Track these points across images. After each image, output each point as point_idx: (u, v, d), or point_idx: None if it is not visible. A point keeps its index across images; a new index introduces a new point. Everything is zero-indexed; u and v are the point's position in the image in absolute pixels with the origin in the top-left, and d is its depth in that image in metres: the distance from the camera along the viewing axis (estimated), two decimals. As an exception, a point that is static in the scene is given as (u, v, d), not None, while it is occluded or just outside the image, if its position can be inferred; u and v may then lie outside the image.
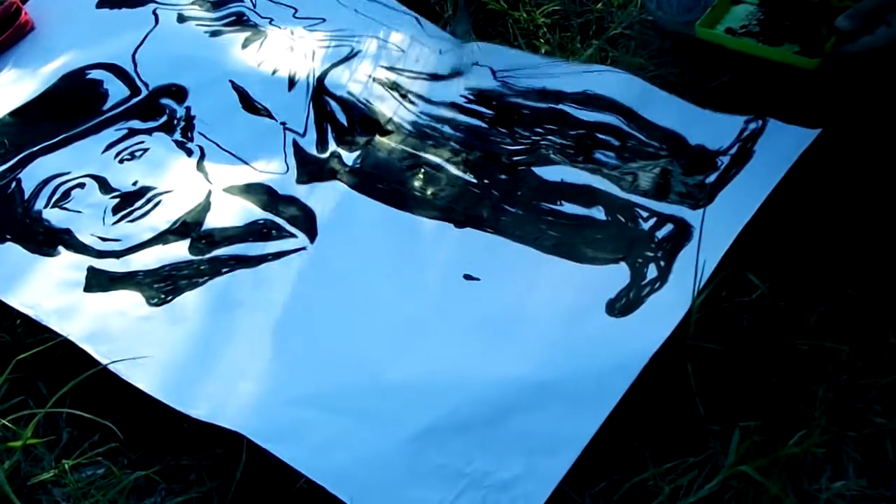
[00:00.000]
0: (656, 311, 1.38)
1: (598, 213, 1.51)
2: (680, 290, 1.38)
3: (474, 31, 1.76)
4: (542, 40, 1.74)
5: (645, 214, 1.50)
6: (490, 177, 1.56)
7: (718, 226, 1.45)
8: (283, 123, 1.65)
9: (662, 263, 1.43)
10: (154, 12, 1.81)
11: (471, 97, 1.68)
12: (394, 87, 1.69)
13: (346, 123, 1.65)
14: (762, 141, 1.55)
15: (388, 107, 1.67)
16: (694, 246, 1.43)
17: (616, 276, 1.43)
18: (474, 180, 1.56)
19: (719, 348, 1.33)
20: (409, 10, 1.81)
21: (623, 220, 1.49)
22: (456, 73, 1.72)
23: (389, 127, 1.64)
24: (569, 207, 1.52)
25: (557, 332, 1.38)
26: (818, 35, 1.55)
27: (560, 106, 1.64)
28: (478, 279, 1.45)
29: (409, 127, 1.64)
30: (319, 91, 1.68)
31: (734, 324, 1.37)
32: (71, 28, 1.82)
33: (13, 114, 1.70)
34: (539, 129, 1.61)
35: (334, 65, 1.72)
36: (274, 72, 1.70)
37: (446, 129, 1.63)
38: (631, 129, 1.61)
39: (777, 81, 1.60)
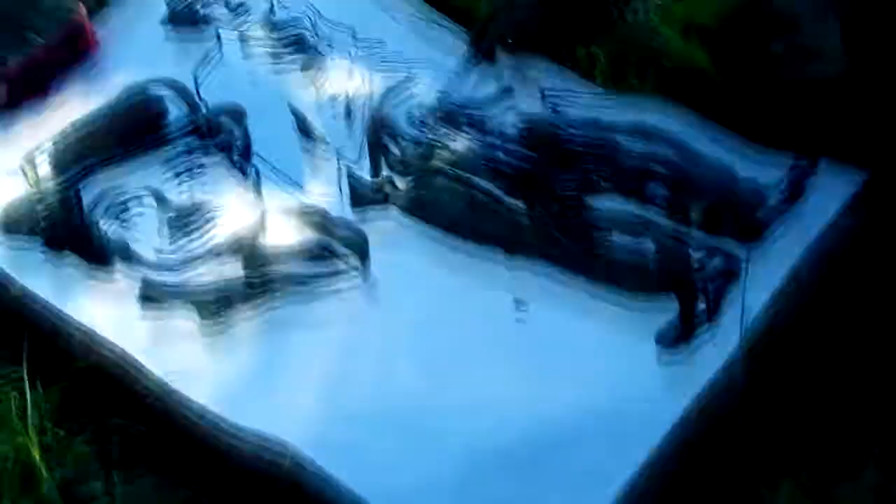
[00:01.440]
0: (706, 344, 1.39)
1: (649, 244, 1.52)
2: (729, 324, 1.39)
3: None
4: (598, 72, 1.74)
5: (695, 246, 1.50)
6: (542, 206, 1.58)
7: (768, 261, 1.46)
8: (337, 150, 1.67)
9: (711, 297, 1.44)
10: (217, 33, 1.84)
11: (521, 123, 1.69)
12: (447, 112, 1.71)
13: (398, 151, 1.66)
14: (812, 179, 1.56)
15: (440, 133, 1.68)
16: (742, 280, 1.44)
17: (665, 309, 1.44)
18: (525, 209, 1.57)
19: (768, 384, 1.33)
20: (466, 31, 1.81)
21: (673, 251, 1.50)
22: (506, 90, 1.73)
23: (442, 155, 1.66)
24: (619, 238, 1.53)
25: (605, 363, 1.39)
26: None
27: (612, 137, 1.65)
28: (527, 306, 1.47)
29: (461, 154, 1.65)
30: (375, 119, 1.70)
31: (785, 355, 1.37)
32: (135, 46, 1.85)
33: (76, 127, 1.72)
34: (590, 160, 1.62)
35: (390, 91, 1.74)
36: (331, 98, 1.73)
37: (498, 155, 1.65)
38: (682, 161, 1.61)
39: (829, 121, 1.61)
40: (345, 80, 1.75)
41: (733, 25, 1.59)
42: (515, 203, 1.59)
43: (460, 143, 1.67)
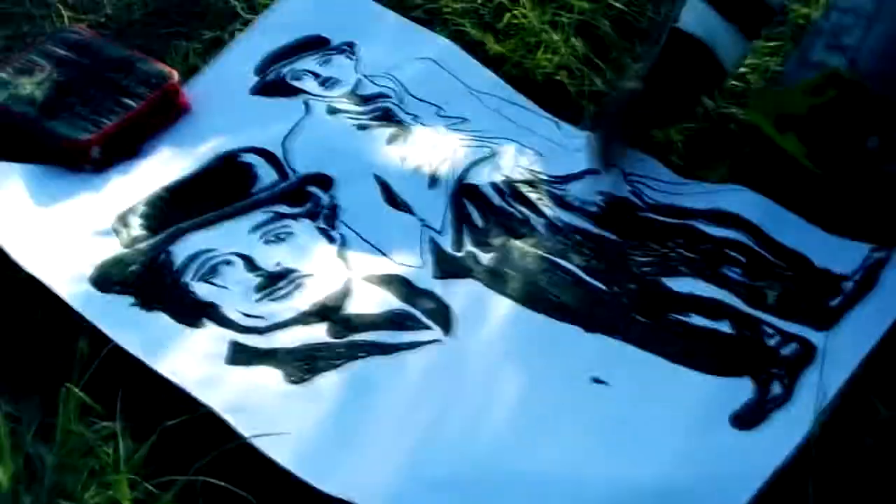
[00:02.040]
0: (781, 427, 1.42)
1: (725, 326, 1.55)
2: (804, 408, 1.42)
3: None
4: (675, 155, 1.78)
5: (770, 331, 1.54)
6: (620, 285, 1.61)
7: (842, 349, 1.49)
8: (422, 220, 1.71)
9: (787, 381, 1.47)
10: (306, 103, 1.89)
11: (603, 204, 1.73)
12: (530, 189, 1.75)
13: (482, 225, 1.70)
14: (887, 270, 1.59)
15: (524, 210, 1.72)
16: (818, 366, 1.47)
17: (741, 389, 1.47)
18: (605, 287, 1.61)
19: (842, 470, 1.35)
20: (550, 115, 1.87)
21: (749, 335, 1.53)
22: (591, 171, 1.77)
23: (524, 230, 1.69)
24: (696, 319, 1.56)
25: (681, 441, 1.42)
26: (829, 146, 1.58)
27: (690, 222, 1.69)
28: (606, 383, 1.49)
29: (543, 231, 1.69)
30: (458, 191, 1.74)
31: (858, 446, 1.39)
32: (226, 112, 1.90)
33: (168, 190, 1.77)
34: (669, 244, 1.66)
35: (474, 164, 1.78)
36: (416, 169, 1.77)
37: (579, 237, 1.68)
38: (758, 247, 1.65)
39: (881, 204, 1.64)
40: (430, 153, 1.80)
41: (827, 116, 1.62)
42: (594, 281, 1.62)
43: (542, 219, 1.71)
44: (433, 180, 1.76)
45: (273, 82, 1.94)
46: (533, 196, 1.73)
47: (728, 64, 1.71)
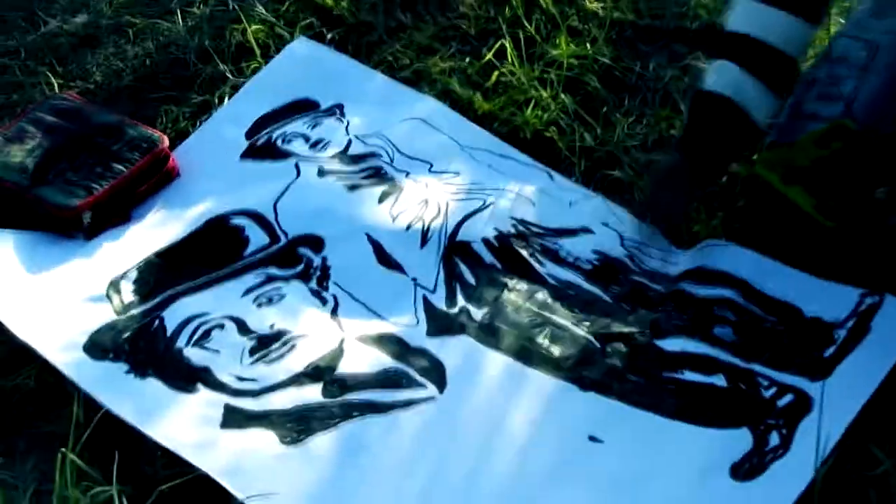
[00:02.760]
0: (780, 477, 1.41)
1: (719, 380, 1.54)
2: (803, 458, 1.41)
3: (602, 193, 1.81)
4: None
5: (765, 383, 1.53)
6: (612, 345, 1.60)
7: (838, 399, 1.48)
8: (414, 279, 1.71)
9: (784, 431, 1.46)
10: (296, 165, 1.90)
11: (597, 262, 1.72)
12: (523, 243, 1.75)
13: (474, 282, 1.70)
14: (879, 316, 1.58)
15: (516, 265, 1.72)
16: (815, 416, 1.46)
17: (739, 440, 1.47)
18: (598, 346, 1.60)
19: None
20: (542, 165, 1.87)
21: (744, 387, 1.53)
22: (584, 230, 1.77)
23: (517, 286, 1.69)
24: (690, 375, 1.56)
25: (681, 494, 1.41)
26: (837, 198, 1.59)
27: (679, 286, 1.68)
28: (601, 441, 1.49)
29: (536, 287, 1.69)
30: (450, 248, 1.74)
31: (860, 496, 1.38)
32: (215, 176, 1.91)
33: (158, 255, 1.77)
34: (660, 309, 1.65)
35: (465, 218, 1.78)
36: (408, 227, 1.77)
37: (572, 293, 1.68)
38: (747, 303, 1.64)
39: (890, 256, 1.64)
40: (421, 210, 1.80)
41: (833, 168, 1.62)
42: (587, 338, 1.61)
43: (535, 274, 1.70)
44: (424, 238, 1.75)
45: (263, 146, 1.95)
46: (525, 252, 1.73)
47: (760, 122, 1.68)
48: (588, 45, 2.03)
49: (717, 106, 1.66)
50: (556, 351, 1.59)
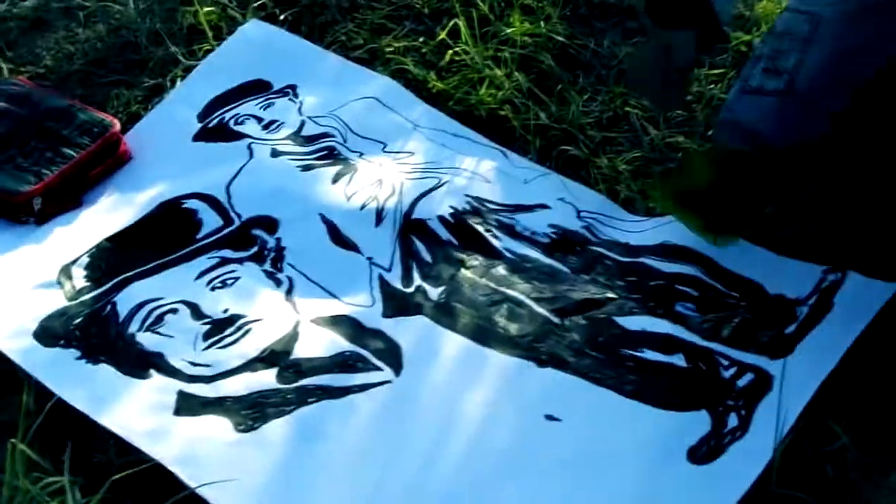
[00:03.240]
0: (738, 459, 1.40)
1: (679, 360, 1.53)
2: (761, 439, 1.40)
3: (559, 173, 1.80)
4: (622, 185, 1.77)
5: (725, 363, 1.52)
6: (571, 320, 1.59)
7: (799, 376, 1.47)
8: (369, 258, 1.69)
9: (743, 412, 1.45)
10: (249, 146, 1.88)
11: (554, 235, 1.71)
12: (479, 219, 1.73)
13: (430, 259, 1.69)
14: (842, 293, 1.58)
15: (472, 241, 1.71)
16: (775, 395, 1.46)
17: (697, 423, 1.45)
18: (556, 320, 1.59)
19: (803, 497, 1.33)
20: (496, 144, 1.86)
21: (703, 367, 1.52)
22: (541, 206, 1.76)
23: (473, 262, 1.68)
24: (650, 354, 1.54)
25: (639, 478, 1.40)
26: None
27: (640, 259, 1.67)
28: (559, 420, 1.48)
29: (493, 262, 1.68)
30: (406, 227, 1.73)
31: (818, 474, 1.38)
32: (168, 159, 1.89)
33: (110, 239, 1.75)
34: (620, 282, 1.64)
35: (420, 197, 1.76)
36: (363, 206, 1.75)
37: (529, 266, 1.67)
38: (710, 279, 1.63)
39: (857, 234, 1.63)
40: (375, 189, 1.78)
41: (724, 189, 1.63)
42: (544, 312, 1.60)
43: (492, 250, 1.69)
44: (379, 217, 1.74)
45: (215, 127, 1.93)
46: (481, 228, 1.72)
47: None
48: (542, 23, 2.01)
49: None
50: (513, 328, 1.58)
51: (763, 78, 1.69)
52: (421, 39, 2.06)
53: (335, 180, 1.80)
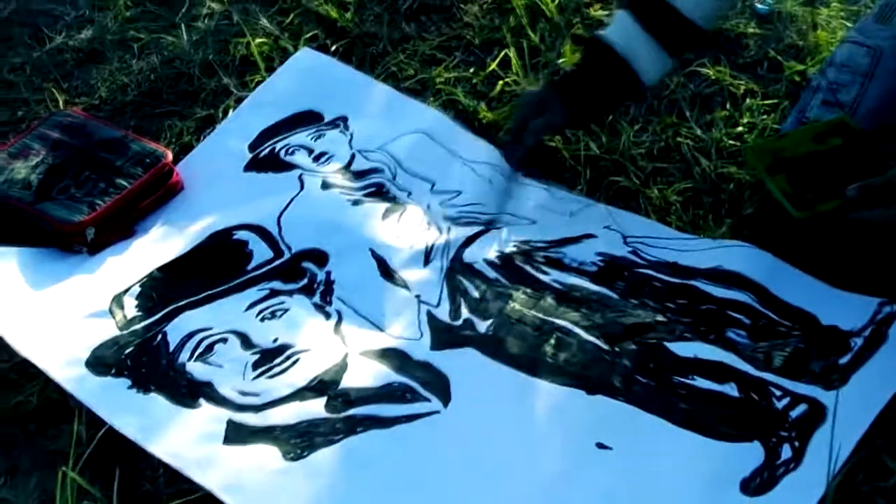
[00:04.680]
0: (792, 492, 1.38)
1: (731, 389, 1.52)
2: (815, 471, 1.38)
3: (608, 204, 1.79)
4: (673, 216, 1.76)
5: (778, 393, 1.50)
6: (621, 346, 1.58)
7: (853, 408, 1.45)
8: (417, 296, 1.69)
9: (797, 444, 1.43)
10: (300, 178, 1.88)
11: (601, 263, 1.70)
12: (526, 258, 1.73)
13: (478, 296, 1.68)
14: (896, 324, 1.56)
15: (520, 276, 1.70)
16: (828, 427, 1.43)
17: (750, 454, 1.44)
18: (606, 347, 1.58)
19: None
20: (542, 182, 1.85)
21: (756, 398, 1.50)
22: (587, 236, 1.75)
23: (521, 295, 1.67)
24: (701, 382, 1.53)
25: (690, 505, 1.38)
26: (816, 192, 1.56)
27: (691, 282, 1.66)
28: (610, 448, 1.46)
29: (540, 294, 1.67)
30: (453, 268, 1.72)
31: (871, 506, 1.36)
32: (219, 190, 1.90)
33: (162, 269, 1.76)
34: (670, 304, 1.63)
35: (468, 240, 1.76)
36: (411, 245, 1.75)
37: (577, 295, 1.66)
38: (762, 307, 1.62)
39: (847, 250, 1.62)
40: (424, 231, 1.78)
41: (822, 163, 1.60)
42: (594, 339, 1.59)
43: (540, 283, 1.68)
44: (427, 256, 1.74)
45: (266, 158, 1.94)
46: (528, 266, 1.71)
47: (646, 77, 1.69)
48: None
49: (601, 53, 1.67)
50: (562, 357, 1.57)
51: (821, 111, 1.68)
52: (471, 70, 2.06)
53: (385, 217, 1.80)
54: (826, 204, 1.53)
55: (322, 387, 1.57)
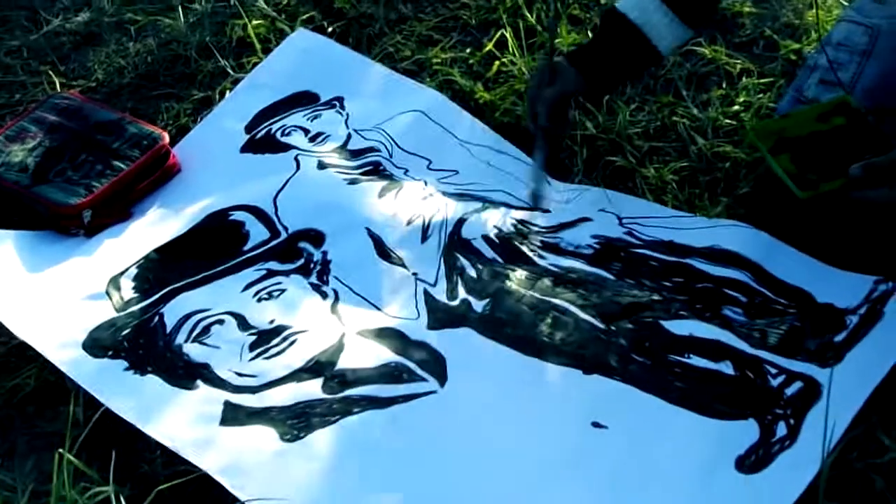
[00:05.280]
0: (787, 469, 1.38)
1: (727, 367, 1.52)
2: (810, 448, 1.38)
3: (605, 184, 1.79)
4: (669, 195, 1.76)
5: (773, 371, 1.50)
6: (618, 325, 1.58)
7: (848, 385, 1.45)
8: (414, 273, 1.69)
9: (792, 421, 1.44)
10: (296, 158, 1.89)
11: (597, 246, 1.70)
12: (523, 238, 1.73)
13: (475, 275, 1.68)
14: (893, 303, 1.56)
15: (517, 258, 1.70)
16: (823, 404, 1.44)
17: (745, 431, 1.44)
18: (602, 326, 1.58)
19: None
20: (539, 165, 1.83)
21: (752, 376, 1.50)
22: (583, 220, 1.75)
23: (519, 276, 1.67)
24: (697, 361, 1.53)
25: (686, 486, 1.39)
26: (820, 172, 1.56)
27: (687, 260, 1.66)
28: (605, 427, 1.47)
29: (536, 274, 1.67)
30: (451, 244, 1.73)
31: (866, 485, 1.36)
32: (216, 171, 1.90)
33: (158, 251, 1.76)
34: (666, 283, 1.63)
35: (465, 216, 1.76)
36: (408, 222, 1.76)
37: (574, 276, 1.66)
38: (758, 285, 1.62)
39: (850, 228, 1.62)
40: (421, 207, 1.78)
41: (825, 142, 1.59)
42: (590, 318, 1.59)
43: (536, 266, 1.69)
44: (425, 233, 1.74)
45: (263, 139, 1.94)
46: (525, 248, 1.71)
47: (662, 47, 1.69)
48: (589, 33, 2.01)
49: (619, 26, 1.67)
50: (558, 336, 1.58)
51: (819, 89, 1.68)
52: (468, 51, 2.06)
53: (381, 195, 1.80)
54: (830, 183, 1.53)
55: (319, 367, 1.57)
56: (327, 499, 1.42)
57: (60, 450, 1.41)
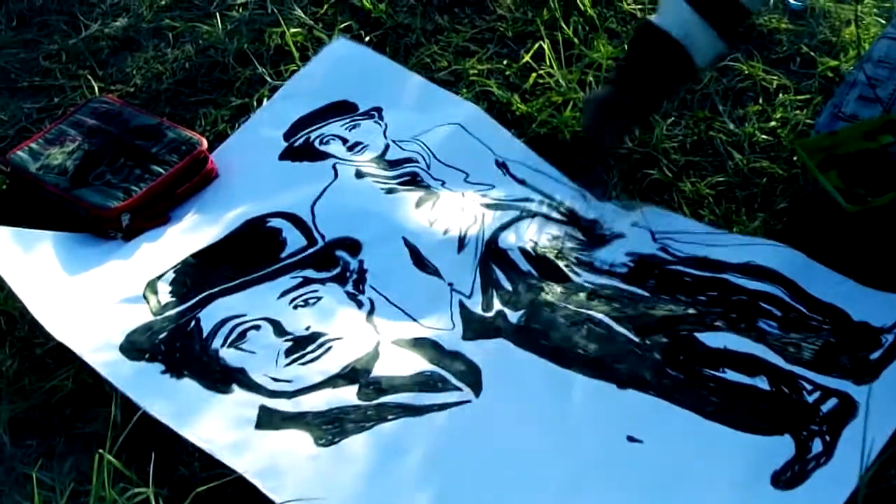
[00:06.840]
0: (823, 486, 1.38)
1: (762, 382, 1.52)
2: (846, 465, 1.39)
3: (639, 197, 1.80)
4: (706, 210, 1.76)
5: (809, 387, 1.51)
6: (652, 339, 1.58)
7: (884, 403, 1.45)
8: (450, 284, 1.70)
9: (828, 438, 1.44)
10: (334, 167, 1.89)
11: (632, 264, 1.71)
12: (558, 254, 1.73)
13: (510, 287, 1.69)
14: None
15: (552, 273, 1.70)
16: (860, 421, 1.44)
17: (781, 447, 1.44)
18: (637, 339, 1.59)
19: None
20: (574, 185, 1.85)
21: (787, 391, 1.50)
22: (617, 236, 1.75)
23: (554, 289, 1.68)
24: (732, 375, 1.53)
25: (722, 502, 1.39)
26: (868, 188, 1.56)
27: (722, 275, 1.66)
28: (640, 441, 1.47)
29: (572, 288, 1.67)
30: (487, 255, 1.73)
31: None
32: (254, 178, 1.91)
33: (196, 256, 1.77)
34: (701, 297, 1.64)
35: (501, 229, 1.77)
36: (445, 232, 1.76)
37: (609, 291, 1.66)
38: (793, 301, 1.62)
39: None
40: (458, 217, 1.78)
41: (874, 160, 1.60)
42: (625, 331, 1.60)
43: (570, 280, 1.69)
44: (461, 244, 1.74)
45: (301, 147, 1.95)
46: (561, 263, 1.71)
47: (700, 58, 1.69)
48: (626, 47, 2.01)
49: (660, 43, 1.67)
50: (592, 348, 1.58)
51: (858, 106, 1.68)
52: (505, 62, 2.07)
53: (418, 205, 1.80)
54: (879, 199, 1.54)
55: (354, 374, 1.58)
56: (360, 501, 1.42)
57: (101, 450, 1.43)
